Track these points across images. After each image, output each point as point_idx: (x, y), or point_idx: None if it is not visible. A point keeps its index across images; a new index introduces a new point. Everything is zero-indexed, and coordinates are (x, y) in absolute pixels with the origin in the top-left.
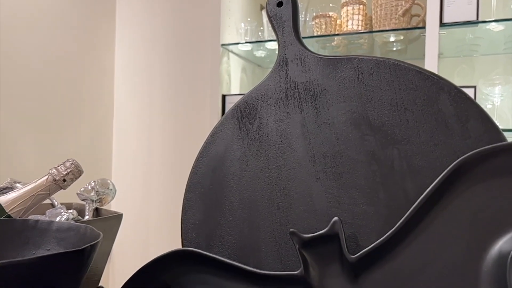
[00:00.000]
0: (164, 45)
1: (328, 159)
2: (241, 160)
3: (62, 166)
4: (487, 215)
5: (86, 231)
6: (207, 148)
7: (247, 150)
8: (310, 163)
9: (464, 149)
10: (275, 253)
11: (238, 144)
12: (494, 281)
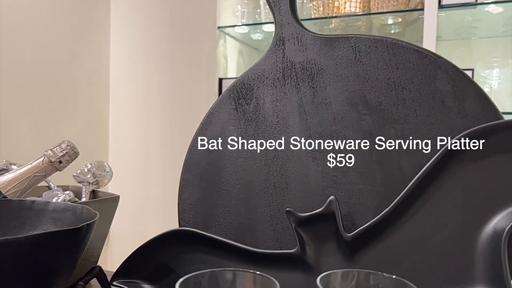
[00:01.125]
0: (160, 28)
1: (325, 139)
2: (238, 140)
3: (57, 148)
4: (482, 193)
5: (82, 211)
6: (204, 128)
7: (243, 131)
8: (306, 143)
9: (460, 127)
10: (272, 232)
11: (234, 125)
12: (489, 258)
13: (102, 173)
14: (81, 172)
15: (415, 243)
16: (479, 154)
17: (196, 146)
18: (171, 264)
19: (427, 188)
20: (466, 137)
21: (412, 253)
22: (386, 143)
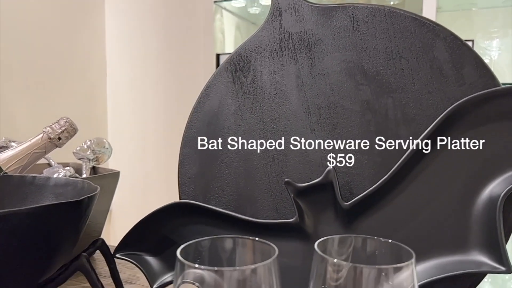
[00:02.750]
0: (156, 3)
1: (323, 110)
2: (236, 114)
3: (56, 125)
4: (479, 160)
5: (83, 185)
6: (201, 102)
7: (241, 104)
8: (305, 114)
9: (458, 95)
10: (271, 203)
11: (232, 98)
12: (484, 224)
13: (102, 150)
14: (80, 149)
15: (411, 211)
16: (476, 121)
17: (194, 120)
18: (173, 236)
19: (425, 157)
20: (464, 104)
21: (409, 221)
22: (383, 112)
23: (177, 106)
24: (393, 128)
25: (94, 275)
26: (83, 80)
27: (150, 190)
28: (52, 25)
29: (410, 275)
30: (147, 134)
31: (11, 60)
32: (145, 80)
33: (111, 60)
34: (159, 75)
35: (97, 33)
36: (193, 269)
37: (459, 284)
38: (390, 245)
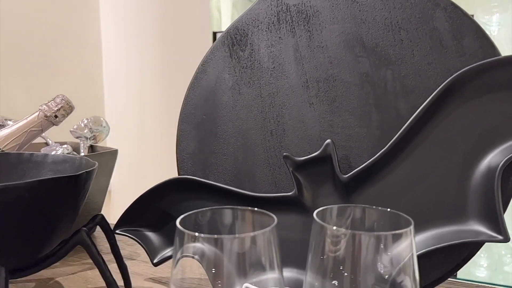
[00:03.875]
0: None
1: (321, 84)
2: (233, 88)
3: (52, 102)
4: (477, 131)
5: (81, 162)
6: (198, 78)
7: (239, 78)
8: (303, 88)
9: (458, 66)
10: (270, 178)
11: (229, 73)
12: (483, 194)
13: (99, 128)
14: (77, 127)
15: (410, 183)
16: (476, 92)
17: (191, 96)
18: (172, 211)
19: (424, 128)
20: (464, 74)
21: (407, 193)
22: (382, 85)
23: (174, 82)
24: (392, 101)
25: (94, 249)
26: (78, 59)
27: (149, 168)
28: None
29: (409, 244)
30: (144, 112)
31: (6, 40)
32: (141, 58)
33: (107, 38)
34: (155, 53)
35: (92, 11)
36: (192, 243)
37: (456, 254)
38: (388, 214)
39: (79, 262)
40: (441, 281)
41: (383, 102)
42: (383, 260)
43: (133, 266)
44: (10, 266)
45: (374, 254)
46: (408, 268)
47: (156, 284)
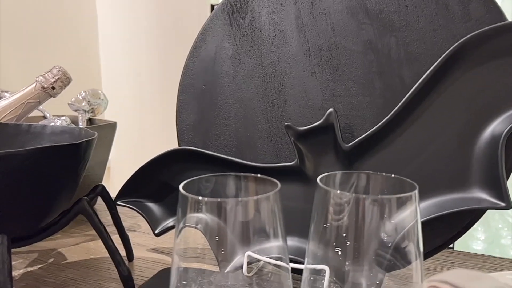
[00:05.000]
0: None
1: (324, 52)
2: (234, 58)
3: (49, 74)
4: (482, 98)
5: (80, 132)
6: (197, 47)
7: (239, 47)
8: (305, 57)
9: (464, 33)
10: (271, 148)
11: (229, 42)
12: (486, 161)
13: (97, 101)
14: (75, 100)
15: (412, 152)
16: (482, 58)
17: (191, 66)
18: (173, 182)
19: (427, 96)
20: (469, 40)
21: (410, 162)
22: (386, 52)
23: (172, 53)
24: (395, 68)
25: (96, 217)
26: (74, 30)
27: (149, 141)
28: None
29: (413, 209)
30: (143, 84)
31: (2, 11)
32: (138, 29)
33: (102, 9)
34: (153, 23)
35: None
36: (195, 213)
37: (457, 221)
38: (393, 180)
39: (80, 233)
40: (442, 248)
41: (387, 70)
42: (387, 225)
43: (134, 237)
44: (12, 234)
45: (378, 220)
46: (412, 234)
47: (158, 254)
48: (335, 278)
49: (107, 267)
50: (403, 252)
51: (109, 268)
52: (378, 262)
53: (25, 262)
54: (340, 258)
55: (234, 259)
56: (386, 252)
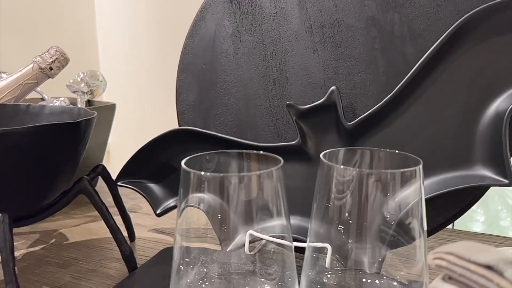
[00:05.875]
0: None
1: (326, 29)
2: (234, 36)
3: (46, 54)
4: (486, 76)
5: (80, 112)
6: (197, 26)
7: (239, 25)
8: (307, 34)
9: (468, 8)
10: (272, 128)
11: (229, 19)
12: (489, 138)
13: (96, 82)
14: (74, 82)
15: (415, 129)
16: (487, 34)
17: (190, 45)
18: (174, 163)
19: (431, 73)
20: (474, 16)
21: (412, 139)
22: (389, 29)
23: (171, 32)
24: (399, 45)
25: (97, 197)
26: (71, 11)
27: (148, 122)
28: None
29: (418, 186)
30: (141, 64)
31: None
32: (136, 8)
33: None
34: (150, 4)
35: None
36: (197, 193)
37: (460, 199)
38: (397, 156)
39: (82, 215)
40: (444, 227)
41: (390, 47)
42: (391, 202)
43: (136, 218)
44: (13, 213)
45: (382, 196)
46: (416, 211)
47: (159, 235)
48: (338, 256)
49: (109, 247)
50: (407, 229)
51: (111, 248)
52: (381, 238)
53: (27, 243)
54: (343, 236)
55: (236, 238)
56: (389, 229)
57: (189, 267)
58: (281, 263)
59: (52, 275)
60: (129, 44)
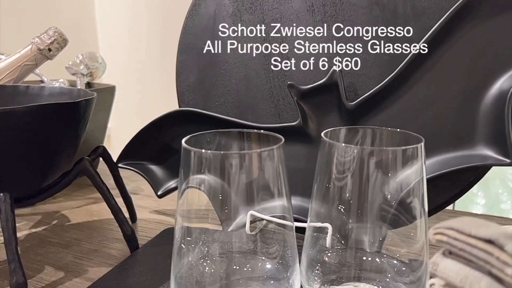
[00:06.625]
0: None
1: (328, 8)
2: (234, 15)
3: (45, 35)
4: (489, 54)
5: (79, 93)
6: (197, 5)
7: (240, 4)
8: (308, 13)
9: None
10: (273, 109)
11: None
12: (492, 118)
13: (95, 64)
14: (73, 64)
15: (417, 109)
16: (491, 12)
17: (190, 25)
18: (175, 144)
19: (434, 51)
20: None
21: (414, 119)
22: (392, 7)
23: (170, 11)
24: (402, 24)
25: (98, 177)
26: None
27: (149, 105)
28: None
29: (419, 165)
30: (141, 45)
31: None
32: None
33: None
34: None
35: None
36: (198, 175)
37: (461, 179)
38: (398, 134)
39: (83, 197)
40: (445, 207)
41: (393, 26)
42: (392, 181)
43: (137, 200)
44: (14, 194)
45: (383, 174)
46: (417, 190)
47: (161, 216)
48: (338, 235)
49: (110, 228)
50: (408, 208)
51: (112, 229)
52: (382, 217)
53: (29, 224)
54: (344, 215)
55: (237, 218)
56: (390, 207)
57: (191, 246)
58: (282, 243)
59: (55, 255)
60: (128, 26)
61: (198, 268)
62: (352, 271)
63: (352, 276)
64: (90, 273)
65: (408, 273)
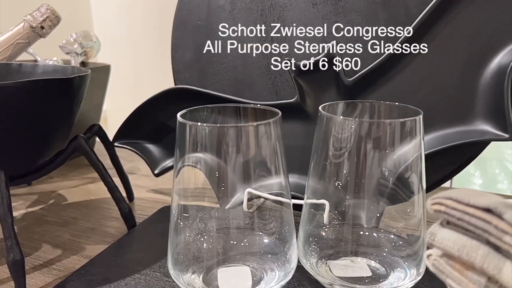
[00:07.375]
0: None
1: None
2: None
3: (37, 12)
4: (488, 29)
5: (73, 71)
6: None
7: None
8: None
9: None
10: (270, 86)
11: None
12: (491, 93)
13: (90, 43)
14: (67, 42)
15: (416, 85)
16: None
17: (185, 0)
18: (171, 123)
19: (433, 26)
20: None
21: (413, 95)
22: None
23: None
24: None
25: (93, 155)
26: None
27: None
28: None
29: (417, 140)
30: (136, 22)
31: None
32: None
33: None
34: None
35: None
36: (193, 153)
37: (459, 154)
38: (397, 108)
39: (80, 177)
40: (442, 183)
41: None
42: (390, 156)
43: (134, 179)
44: (9, 172)
45: (381, 148)
46: (415, 166)
47: (158, 195)
48: (336, 212)
49: (107, 207)
50: (406, 183)
51: (109, 208)
52: (380, 192)
53: (25, 203)
54: (341, 190)
55: (234, 196)
56: (388, 182)
57: (187, 222)
58: (279, 219)
59: (52, 234)
60: (122, 3)
61: (195, 244)
62: (349, 246)
63: (349, 251)
64: (88, 250)
65: (405, 247)
